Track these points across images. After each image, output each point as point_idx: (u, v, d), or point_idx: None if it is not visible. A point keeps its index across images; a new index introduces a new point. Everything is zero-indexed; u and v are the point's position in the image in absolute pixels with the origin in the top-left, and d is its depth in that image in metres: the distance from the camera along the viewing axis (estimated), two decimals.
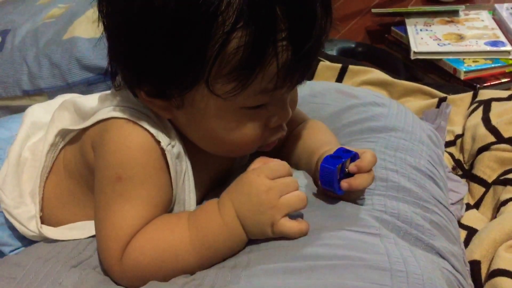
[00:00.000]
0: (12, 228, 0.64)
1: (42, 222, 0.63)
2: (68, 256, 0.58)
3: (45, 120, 0.66)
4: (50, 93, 0.98)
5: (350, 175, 0.54)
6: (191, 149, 0.57)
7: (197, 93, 0.51)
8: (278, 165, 0.52)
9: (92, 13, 1.03)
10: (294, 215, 0.52)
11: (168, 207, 0.57)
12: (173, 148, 0.55)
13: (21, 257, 0.60)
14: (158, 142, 0.54)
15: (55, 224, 0.63)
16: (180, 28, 0.46)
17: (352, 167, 0.54)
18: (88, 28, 1.00)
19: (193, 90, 0.50)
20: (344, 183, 0.53)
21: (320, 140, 0.63)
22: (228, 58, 0.47)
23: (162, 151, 0.54)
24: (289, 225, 0.50)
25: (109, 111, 0.56)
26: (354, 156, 0.55)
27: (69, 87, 0.97)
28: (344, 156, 0.54)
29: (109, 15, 0.52)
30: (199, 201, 0.61)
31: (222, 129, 0.53)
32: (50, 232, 0.62)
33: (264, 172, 0.50)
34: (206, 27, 0.46)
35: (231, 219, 0.51)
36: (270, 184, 0.50)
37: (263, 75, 0.48)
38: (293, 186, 0.51)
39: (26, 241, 0.64)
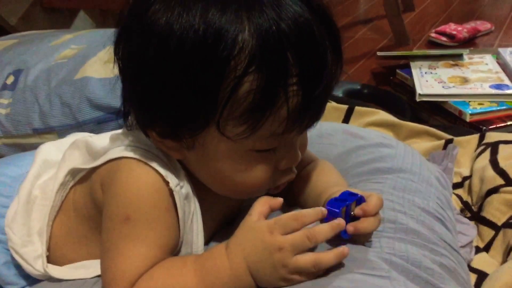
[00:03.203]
0: (17, 267, 0.64)
1: (48, 261, 0.63)
2: None
3: (57, 158, 0.66)
4: (60, 132, 0.99)
5: (357, 218, 0.54)
6: (200, 190, 0.58)
7: (208, 134, 0.51)
8: (291, 219, 0.50)
9: (104, 54, 1.06)
10: None
11: (175, 248, 0.57)
12: (181, 188, 0.55)
13: None
14: (167, 183, 0.54)
15: (61, 262, 0.63)
16: (193, 71, 0.47)
17: (357, 210, 0.53)
18: (99, 68, 1.01)
19: (204, 132, 0.51)
20: (350, 227, 0.52)
21: (328, 181, 0.63)
22: (239, 101, 0.48)
23: (171, 191, 0.54)
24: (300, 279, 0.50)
25: (119, 151, 0.56)
26: (360, 199, 0.54)
27: (79, 126, 0.98)
28: (349, 199, 0.54)
29: (124, 57, 0.53)
30: (207, 241, 0.61)
31: (232, 171, 0.54)
32: (55, 271, 0.62)
33: (278, 229, 0.49)
34: (218, 70, 0.47)
35: (241, 269, 0.50)
36: (282, 243, 0.49)
37: (273, 118, 0.49)
38: (305, 246, 0.49)
39: (31, 280, 0.64)
